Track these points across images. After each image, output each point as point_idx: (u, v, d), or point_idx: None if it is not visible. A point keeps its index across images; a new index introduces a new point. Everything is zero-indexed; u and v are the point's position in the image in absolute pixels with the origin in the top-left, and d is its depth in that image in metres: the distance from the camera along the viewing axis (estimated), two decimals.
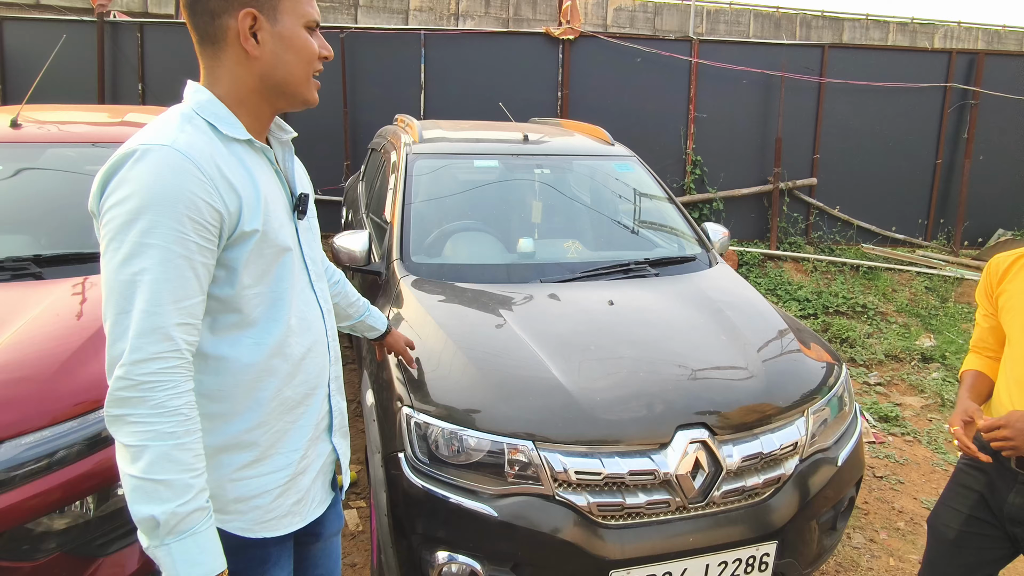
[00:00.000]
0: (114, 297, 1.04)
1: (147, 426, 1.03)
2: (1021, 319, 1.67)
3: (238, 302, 1.16)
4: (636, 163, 3.48)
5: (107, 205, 1.07)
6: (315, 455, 1.32)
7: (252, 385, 1.19)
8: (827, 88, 6.97)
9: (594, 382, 2.04)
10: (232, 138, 1.18)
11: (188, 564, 1.04)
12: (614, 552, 1.89)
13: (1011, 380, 1.67)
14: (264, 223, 1.17)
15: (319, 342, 1.31)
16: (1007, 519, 1.66)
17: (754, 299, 2.68)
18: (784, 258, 6.82)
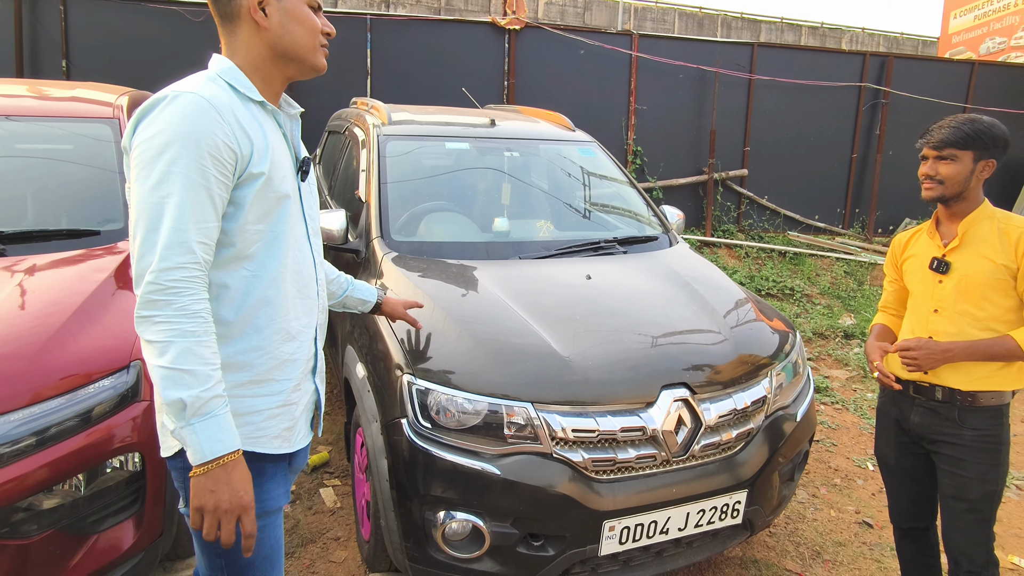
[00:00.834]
0: (144, 216, 1.21)
1: (172, 325, 1.19)
2: (917, 276, 2.10)
3: (239, 236, 1.31)
4: (597, 148, 3.64)
5: (139, 140, 1.23)
6: (305, 390, 1.48)
7: (250, 312, 1.34)
8: (756, 84, 7.39)
9: (584, 348, 2.17)
10: (248, 97, 1.35)
11: (210, 440, 1.20)
12: (607, 504, 2.04)
13: (912, 319, 2.12)
14: (270, 169, 1.33)
15: (310, 286, 1.47)
16: (915, 436, 2.08)
17: (715, 274, 2.89)
18: (719, 244, 7.21)
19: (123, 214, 2.70)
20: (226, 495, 1.22)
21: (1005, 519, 3.21)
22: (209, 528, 1.23)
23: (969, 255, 1.97)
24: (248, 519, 1.26)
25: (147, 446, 2.03)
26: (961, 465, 1.97)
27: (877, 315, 2.34)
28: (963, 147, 1.93)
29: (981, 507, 1.97)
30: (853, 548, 2.87)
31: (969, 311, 1.96)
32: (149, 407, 2.05)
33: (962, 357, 1.93)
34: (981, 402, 1.95)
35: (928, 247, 2.08)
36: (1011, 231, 1.93)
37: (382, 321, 2.34)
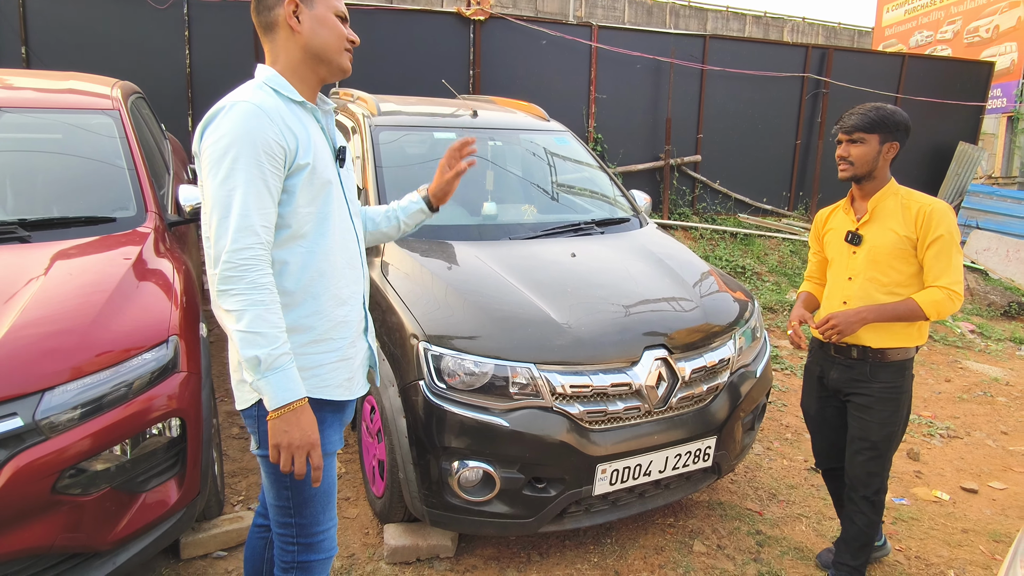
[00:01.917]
0: (217, 207, 1.44)
1: (245, 296, 1.42)
2: (835, 248, 2.40)
3: (292, 218, 1.54)
4: (571, 137, 3.92)
5: (206, 144, 1.47)
6: (360, 347, 1.73)
7: (308, 283, 1.57)
8: (708, 75, 7.80)
9: (577, 316, 2.47)
10: (290, 99, 1.58)
11: (281, 390, 1.44)
12: (599, 450, 2.35)
13: (830, 285, 2.43)
14: (314, 159, 1.55)
15: (355, 258, 1.71)
16: (834, 390, 2.42)
17: (683, 251, 3.23)
18: (675, 227, 7.62)
19: (135, 202, 2.86)
20: (297, 434, 1.47)
21: (931, 461, 3.69)
22: (285, 462, 1.48)
23: (878, 228, 2.26)
24: (316, 454, 1.51)
25: (186, 413, 2.23)
26: (868, 412, 2.30)
27: (803, 283, 2.64)
28: (869, 131, 2.19)
29: (880, 447, 2.31)
30: (803, 490, 3.28)
31: (876, 277, 2.26)
32: (187, 378, 2.25)
33: (873, 319, 2.21)
34: (889, 358, 2.27)
35: (844, 222, 2.37)
36: (912, 206, 2.22)
37: (393, 297, 2.59)
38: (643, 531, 2.84)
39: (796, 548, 2.80)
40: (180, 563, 2.48)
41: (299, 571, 1.69)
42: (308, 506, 1.65)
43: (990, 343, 6.09)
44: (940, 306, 2.15)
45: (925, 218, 2.18)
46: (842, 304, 2.32)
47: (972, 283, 7.71)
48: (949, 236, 2.17)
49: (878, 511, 2.37)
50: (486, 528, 2.40)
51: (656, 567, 2.62)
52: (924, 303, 2.16)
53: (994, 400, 4.65)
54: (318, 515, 1.66)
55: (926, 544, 2.91)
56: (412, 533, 2.57)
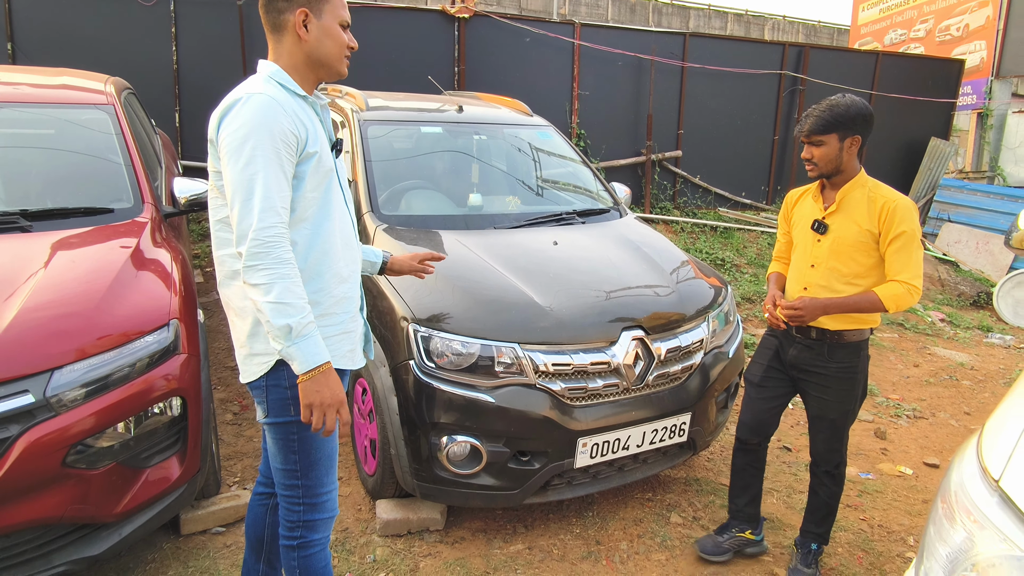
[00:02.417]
0: (240, 190, 1.55)
1: (272, 270, 1.54)
2: (801, 234, 2.45)
3: (301, 202, 1.65)
4: (553, 131, 4.06)
5: (225, 133, 1.58)
6: (358, 322, 1.87)
7: (315, 261, 1.69)
8: (688, 72, 7.98)
9: (559, 299, 2.61)
10: (295, 93, 1.69)
11: (311, 354, 1.57)
12: (580, 425, 2.49)
13: (793, 270, 2.48)
14: (320, 148, 1.68)
15: (351, 239, 1.84)
16: (789, 366, 2.49)
17: (661, 239, 3.38)
18: (656, 221, 7.80)
19: (131, 193, 2.95)
20: (327, 393, 1.60)
21: (897, 440, 3.88)
22: (317, 420, 1.61)
23: (843, 219, 2.31)
24: (344, 410, 1.65)
25: (187, 392, 2.34)
26: (825, 391, 2.41)
27: (772, 264, 2.68)
28: (825, 132, 2.23)
29: (838, 424, 2.43)
30: (775, 467, 3.45)
31: (837, 267, 2.32)
32: (187, 359, 2.36)
33: (836, 310, 2.29)
34: (846, 339, 2.36)
35: (812, 209, 2.41)
36: (877, 200, 2.27)
37: (383, 281, 2.71)
38: (623, 504, 2.99)
39: (767, 519, 2.96)
40: (180, 538, 2.59)
41: (304, 529, 1.81)
42: (314, 469, 1.77)
43: (959, 331, 6.32)
44: (899, 300, 2.24)
45: (889, 214, 2.25)
46: (803, 290, 2.41)
47: (943, 274, 7.96)
48: (911, 233, 2.24)
49: (839, 483, 2.53)
50: (474, 500, 2.54)
51: (635, 537, 2.77)
52: (884, 296, 2.25)
53: (959, 384, 4.86)
54: (322, 477, 1.79)
55: (889, 514, 3.09)
56: (403, 507, 2.70)
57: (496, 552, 2.61)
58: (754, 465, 2.62)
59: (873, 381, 4.77)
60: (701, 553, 2.60)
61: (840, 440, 2.48)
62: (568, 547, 2.68)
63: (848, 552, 2.78)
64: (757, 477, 2.63)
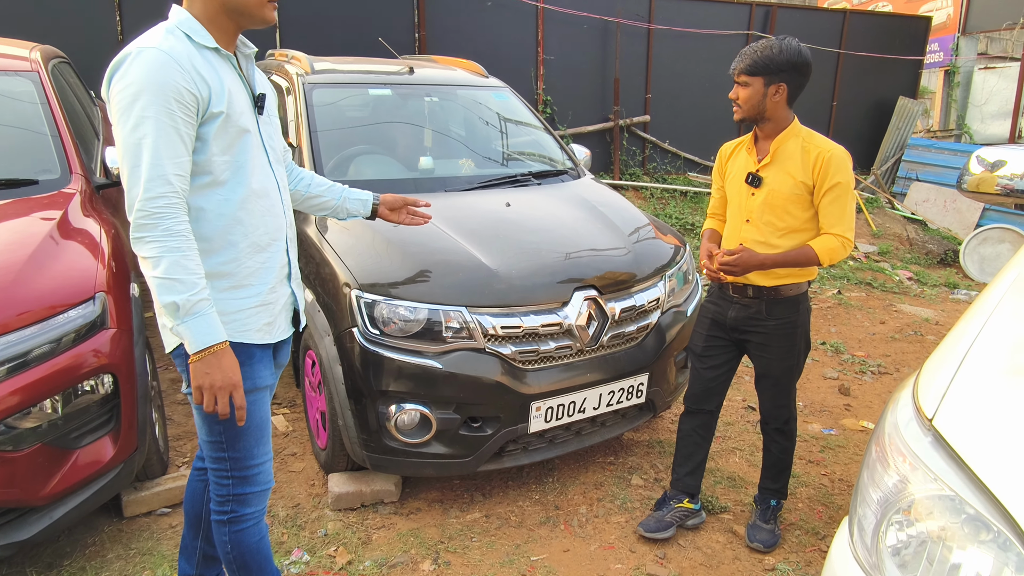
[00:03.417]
0: (128, 156, 1.44)
1: (161, 243, 1.44)
2: (735, 188, 2.36)
3: (209, 166, 1.54)
4: (509, 93, 3.94)
5: (114, 92, 1.46)
6: (281, 293, 1.74)
7: (225, 230, 1.59)
8: (655, 34, 7.84)
9: (508, 260, 2.52)
10: (203, 45, 1.55)
11: (201, 334, 1.49)
12: (532, 389, 2.43)
13: (729, 226, 2.40)
14: (228, 107, 1.55)
15: (275, 206, 1.71)
16: (730, 329, 2.40)
17: (618, 199, 3.30)
18: (626, 187, 7.72)
19: (59, 164, 2.80)
20: (219, 375, 1.51)
21: (861, 395, 3.88)
22: (208, 402, 1.52)
23: (777, 171, 2.22)
24: (238, 394, 1.55)
25: (118, 369, 2.23)
26: (766, 350, 2.36)
27: (707, 220, 2.58)
28: (752, 73, 2.15)
29: (782, 380, 2.39)
30: (739, 426, 3.43)
31: (772, 222, 2.24)
32: (117, 334, 2.25)
33: (771, 265, 2.21)
34: (783, 294, 2.29)
35: (746, 162, 2.31)
36: (811, 150, 2.18)
37: (326, 248, 2.60)
38: (584, 469, 2.95)
39: (729, 478, 2.94)
40: (123, 520, 2.49)
41: (235, 503, 1.73)
42: (241, 439, 1.68)
43: (926, 288, 6.36)
44: (834, 253, 2.18)
45: (824, 164, 2.17)
46: (738, 246, 2.30)
47: (912, 233, 8.01)
48: (846, 184, 2.18)
49: (790, 438, 2.49)
50: (426, 469, 2.47)
51: (595, 500, 2.73)
52: (819, 250, 2.19)
53: (924, 339, 4.89)
54: (251, 448, 1.70)
55: (850, 468, 3.08)
56: (356, 480, 2.63)
57: (452, 521, 2.56)
58: (700, 432, 2.53)
59: (839, 338, 4.77)
60: (645, 533, 2.47)
61: (786, 396, 2.44)
62: (526, 513, 2.64)
63: (808, 507, 2.77)
64: (702, 446, 2.54)
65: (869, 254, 7.39)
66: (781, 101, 2.20)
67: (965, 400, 1.06)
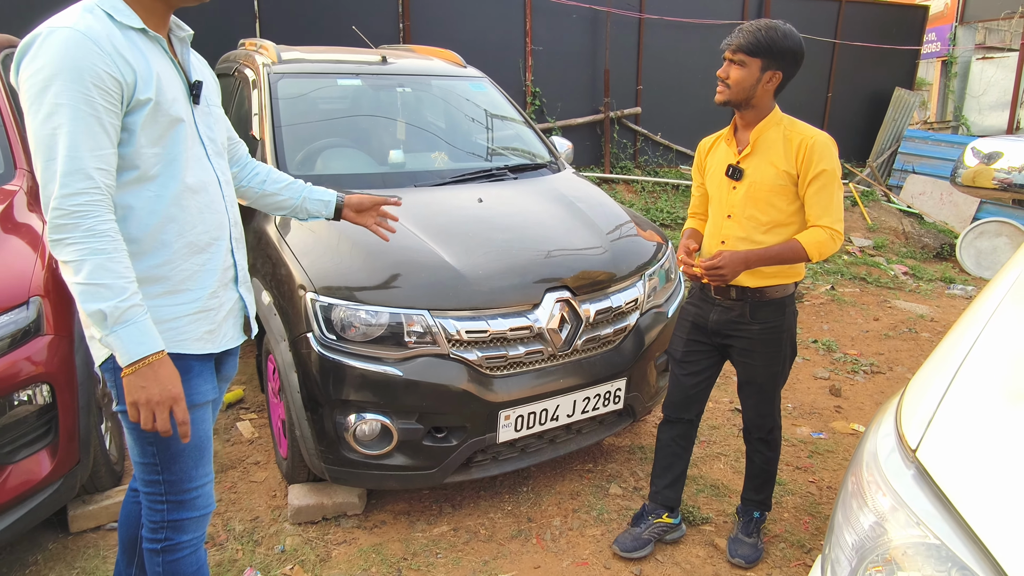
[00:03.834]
0: (41, 149, 1.30)
1: (82, 245, 1.30)
2: (715, 183, 2.20)
3: (137, 159, 1.40)
4: (488, 83, 3.78)
5: (23, 77, 1.31)
6: (225, 298, 1.59)
7: (157, 229, 1.44)
8: (646, 24, 7.66)
9: (475, 260, 2.38)
10: (127, 26, 1.40)
11: (133, 343, 1.34)
12: (501, 396, 2.29)
13: (710, 224, 2.24)
14: (157, 94, 1.40)
15: (216, 202, 1.56)
16: (712, 333, 2.24)
17: (598, 194, 3.15)
18: (617, 180, 7.56)
19: (1, 160, 2.64)
20: (156, 389, 1.36)
21: (852, 396, 3.75)
22: (145, 419, 1.37)
23: (759, 162, 2.08)
24: (180, 408, 1.40)
25: (56, 378, 2.09)
26: (750, 356, 2.21)
27: (688, 220, 2.42)
28: (752, 54, 1.97)
29: (767, 387, 2.24)
30: (725, 430, 3.29)
31: (755, 216, 2.09)
32: (54, 340, 2.10)
33: (757, 263, 2.05)
34: (768, 296, 2.14)
35: (726, 154, 2.16)
36: (793, 137, 2.04)
37: (283, 248, 2.46)
38: (560, 477, 2.82)
39: (712, 485, 2.81)
40: (69, 537, 2.36)
41: (170, 530, 1.58)
42: (177, 462, 1.53)
43: (921, 283, 6.23)
44: (823, 247, 2.03)
45: (807, 151, 2.02)
46: (720, 244, 2.17)
47: (907, 227, 7.86)
48: (832, 171, 2.04)
49: (774, 448, 2.36)
50: (388, 482, 2.34)
51: (570, 512, 2.60)
52: (808, 244, 2.03)
53: (918, 336, 4.76)
54: (189, 471, 1.55)
55: (838, 475, 2.95)
56: (317, 492, 2.50)
57: (418, 536, 2.43)
58: (679, 443, 2.38)
59: (832, 336, 4.64)
60: (621, 553, 2.32)
61: (771, 404, 2.30)
62: (497, 526, 2.50)
63: (794, 517, 2.64)
64: (682, 457, 2.39)
65: (864, 248, 7.26)
66: (772, 90, 2.06)
67: (954, 429, 0.92)
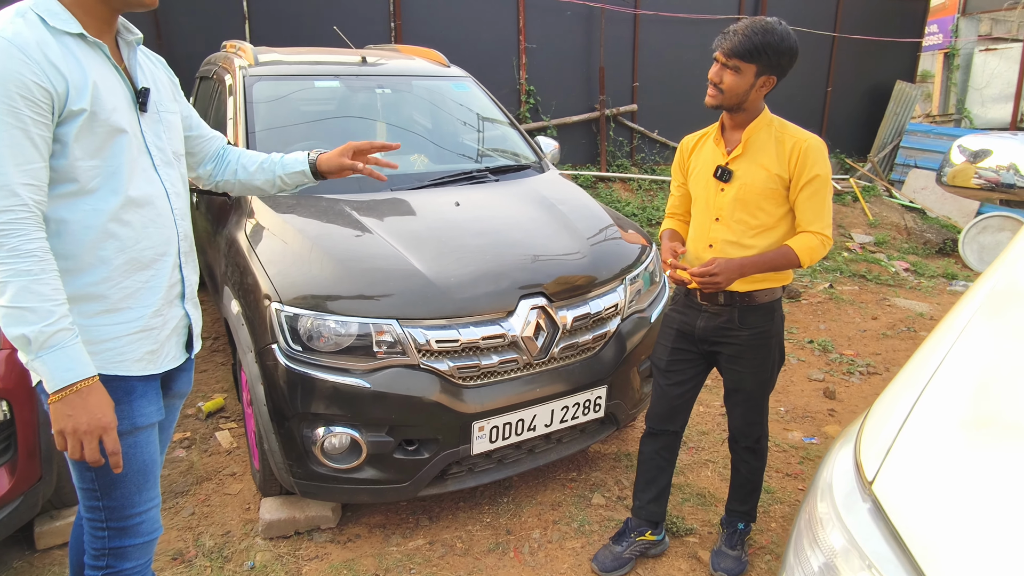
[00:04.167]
0: None
1: (5, 266, 1.24)
2: (701, 184, 2.12)
3: (73, 172, 1.34)
4: (472, 83, 3.71)
5: None
6: (169, 316, 1.53)
7: (94, 245, 1.38)
8: (641, 20, 7.57)
9: (447, 266, 2.31)
10: (63, 31, 1.33)
11: (60, 369, 1.28)
12: (474, 407, 2.22)
13: (695, 226, 2.16)
14: (92, 104, 1.34)
15: (163, 216, 1.49)
16: (699, 340, 2.17)
17: (581, 196, 3.07)
18: (613, 179, 7.48)
19: None
20: (84, 418, 1.30)
21: (847, 399, 3.66)
22: (72, 449, 1.31)
23: (749, 164, 2.01)
24: (109, 438, 1.34)
25: (13, 394, 2.03)
26: (739, 363, 2.13)
27: (665, 221, 2.33)
28: (747, 59, 1.89)
29: (755, 395, 2.17)
30: (714, 436, 3.21)
31: (745, 220, 2.03)
32: (11, 355, 2.04)
33: (752, 271, 1.98)
34: (757, 300, 2.08)
35: (713, 154, 2.08)
36: (786, 140, 1.98)
37: (252, 257, 2.39)
38: (543, 487, 2.75)
39: (699, 494, 2.74)
40: (36, 554, 2.31)
41: (112, 557, 1.52)
42: (118, 487, 1.47)
43: (922, 280, 6.12)
44: (814, 252, 1.98)
45: (801, 155, 1.96)
46: (708, 248, 2.10)
47: (910, 222, 7.75)
48: (824, 177, 1.98)
49: (761, 458, 2.29)
50: (360, 496, 2.27)
51: (550, 523, 2.53)
52: (800, 250, 1.97)
53: (917, 335, 4.66)
54: (131, 496, 1.49)
55: None
56: (289, 506, 2.43)
57: (392, 550, 2.36)
58: (663, 455, 2.31)
59: (828, 336, 4.55)
60: (600, 572, 2.25)
61: (759, 412, 2.23)
62: (474, 539, 2.44)
63: (782, 527, 2.56)
64: (666, 470, 2.32)
65: (865, 244, 7.15)
66: (763, 94, 1.99)
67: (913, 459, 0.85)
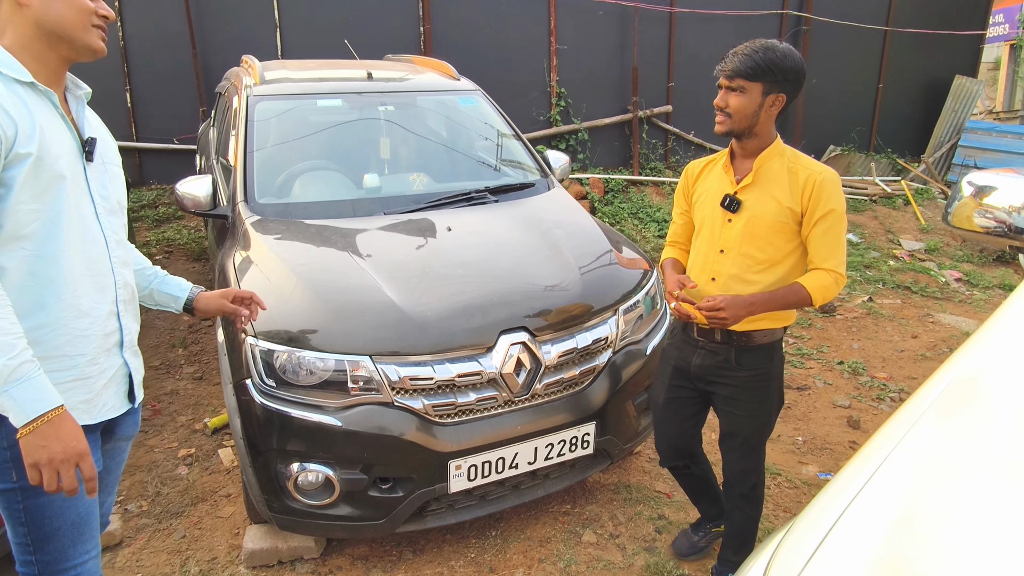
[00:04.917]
0: None
1: None
2: (707, 212, 2.04)
3: (12, 216, 1.33)
4: (480, 96, 3.63)
5: None
6: (106, 365, 1.51)
7: (36, 291, 1.38)
8: (677, 17, 7.32)
9: (425, 299, 2.25)
10: (13, 79, 1.36)
11: (29, 402, 1.28)
12: (450, 445, 2.16)
13: (698, 257, 2.08)
14: (39, 149, 1.34)
15: (101, 263, 1.49)
16: (695, 378, 2.10)
17: (580, 218, 2.96)
18: (645, 183, 7.28)
19: None
20: (58, 447, 1.29)
21: (872, 430, 3.44)
22: (49, 480, 1.30)
23: (760, 194, 1.93)
24: (86, 464, 1.33)
25: None
26: (735, 404, 2.03)
27: (666, 249, 2.26)
28: (752, 78, 1.83)
29: (751, 439, 2.06)
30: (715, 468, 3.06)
31: (752, 254, 1.94)
32: None
33: (761, 309, 1.89)
34: (756, 340, 1.99)
35: (721, 182, 2.01)
36: (800, 172, 1.90)
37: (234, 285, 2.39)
38: (533, 520, 2.67)
39: None
40: None
41: None
42: (51, 541, 1.46)
43: (975, 292, 5.74)
44: (827, 291, 1.87)
45: (815, 189, 1.86)
46: (710, 280, 2.00)
47: None
48: (840, 212, 1.88)
49: (756, 506, 2.16)
50: (336, 531, 2.25)
51: (535, 561, 2.45)
52: (813, 289, 1.87)
53: None
54: (65, 550, 1.48)
55: None
56: (273, 535, 2.43)
57: None
58: (696, 479, 2.39)
59: (861, 356, 4.30)
60: (677, 554, 2.45)
61: (755, 458, 2.10)
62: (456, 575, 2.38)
63: None
64: (706, 481, 2.40)
65: (914, 252, 6.76)
66: (775, 114, 1.91)
67: None
